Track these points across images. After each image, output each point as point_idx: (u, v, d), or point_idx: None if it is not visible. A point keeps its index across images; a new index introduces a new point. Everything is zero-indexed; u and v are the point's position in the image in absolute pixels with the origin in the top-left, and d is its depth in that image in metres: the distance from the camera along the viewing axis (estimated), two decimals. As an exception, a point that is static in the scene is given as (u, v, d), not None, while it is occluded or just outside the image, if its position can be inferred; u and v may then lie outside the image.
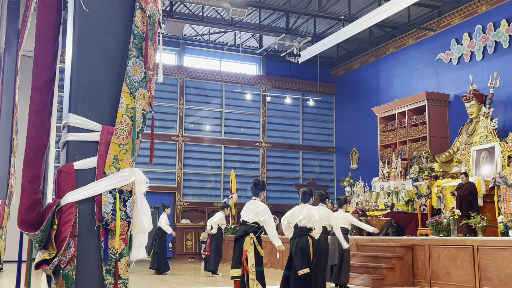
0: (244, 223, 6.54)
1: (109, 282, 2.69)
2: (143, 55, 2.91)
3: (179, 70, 19.51)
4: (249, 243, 6.30)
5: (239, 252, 6.36)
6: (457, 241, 9.17)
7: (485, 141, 12.80)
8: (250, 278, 6.11)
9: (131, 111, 2.83)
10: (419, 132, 15.51)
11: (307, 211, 7.22)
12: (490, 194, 11.09)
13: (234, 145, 20.05)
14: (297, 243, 7.12)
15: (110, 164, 2.76)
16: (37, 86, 2.75)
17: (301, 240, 7.10)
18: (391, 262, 9.73)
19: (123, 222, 2.73)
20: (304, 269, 6.88)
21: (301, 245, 7.05)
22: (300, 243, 7.07)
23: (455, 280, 8.93)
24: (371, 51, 19.25)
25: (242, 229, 6.50)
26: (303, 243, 7.05)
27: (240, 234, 6.49)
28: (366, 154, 19.16)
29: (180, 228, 18.70)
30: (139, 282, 10.20)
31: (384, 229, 12.54)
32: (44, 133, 2.75)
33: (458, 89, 15.09)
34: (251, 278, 6.12)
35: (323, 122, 21.56)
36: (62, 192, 2.70)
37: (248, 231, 6.38)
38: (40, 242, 2.65)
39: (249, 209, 6.55)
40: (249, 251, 6.24)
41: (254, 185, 6.69)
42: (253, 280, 6.12)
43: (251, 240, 6.32)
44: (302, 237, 7.12)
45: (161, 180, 18.73)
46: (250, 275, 6.13)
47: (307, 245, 7.04)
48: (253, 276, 6.13)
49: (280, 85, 20.84)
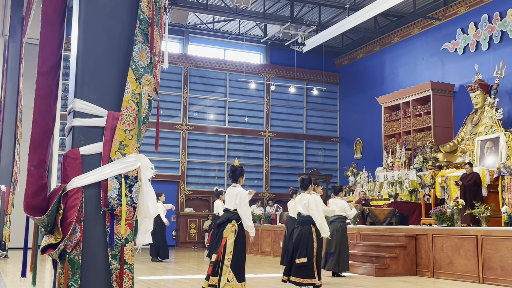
0: (227, 210, 6.56)
1: (115, 267, 2.70)
2: (149, 41, 2.90)
3: (183, 59, 19.47)
4: (229, 230, 6.32)
5: (219, 238, 6.39)
6: (460, 230, 9.17)
7: (490, 131, 12.76)
8: (225, 264, 6.15)
9: (137, 97, 2.83)
10: (424, 122, 15.46)
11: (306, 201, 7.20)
12: (494, 185, 11.07)
13: (237, 134, 20.05)
14: (300, 231, 7.17)
15: (115, 150, 2.76)
16: (43, 71, 2.74)
17: (304, 229, 7.14)
18: (395, 251, 9.74)
19: (128, 207, 2.74)
20: (301, 258, 6.96)
21: (303, 234, 7.10)
22: (303, 232, 7.11)
23: (458, 269, 8.94)
24: (376, 40, 19.15)
25: (225, 216, 6.51)
26: (305, 233, 7.09)
27: (222, 220, 6.50)
28: (370, 144, 19.14)
29: (184, 217, 18.76)
30: (142, 269, 10.26)
31: (388, 218, 12.56)
32: (50, 118, 2.75)
33: (463, 79, 15.02)
34: (225, 265, 6.15)
35: (327, 111, 21.52)
36: (68, 177, 2.70)
37: (230, 219, 6.41)
38: (46, 226, 2.66)
39: (230, 197, 6.56)
40: (229, 238, 6.27)
41: (231, 172, 6.70)
42: (227, 266, 6.14)
43: (233, 228, 6.33)
44: (305, 227, 7.15)
45: (165, 168, 18.76)
46: (225, 261, 6.16)
47: (309, 235, 7.07)
48: (228, 263, 6.16)
49: (284, 74, 20.78)
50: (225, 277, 6.10)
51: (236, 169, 6.69)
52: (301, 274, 6.97)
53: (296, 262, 7.00)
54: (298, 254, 7.02)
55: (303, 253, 6.97)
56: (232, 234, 6.29)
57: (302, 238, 7.08)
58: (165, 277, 9.29)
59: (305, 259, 6.92)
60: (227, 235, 6.30)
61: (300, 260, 6.96)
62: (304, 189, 7.33)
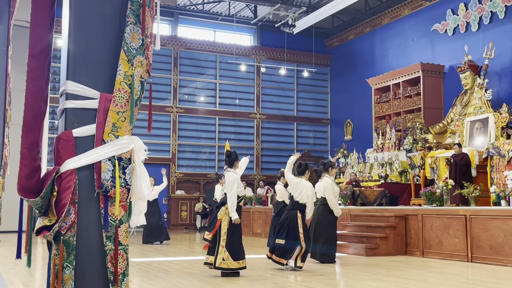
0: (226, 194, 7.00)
1: (109, 248, 2.72)
2: (140, 22, 2.89)
3: (173, 41, 19.35)
4: (223, 213, 6.79)
5: (214, 219, 6.95)
6: (449, 210, 9.28)
7: (479, 112, 12.85)
8: (220, 245, 6.70)
9: (129, 79, 2.82)
10: (414, 103, 15.53)
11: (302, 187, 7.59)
12: (483, 165, 11.19)
13: (228, 117, 20.04)
14: (286, 215, 7.68)
15: (108, 132, 2.76)
16: (34, 52, 2.72)
17: (290, 213, 7.60)
18: (385, 231, 9.85)
19: (122, 189, 2.75)
20: (280, 239, 7.48)
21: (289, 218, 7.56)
22: (289, 216, 7.59)
23: (448, 249, 9.07)
24: (367, 21, 19.12)
25: (222, 199, 7.00)
26: (291, 217, 7.54)
27: (218, 203, 7.04)
28: (360, 126, 19.21)
29: (175, 199, 18.81)
30: (134, 252, 10.30)
31: (378, 199, 12.67)
32: (42, 100, 2.74)
33: (453, 60, 15.07)
34: (221, 245, 6.69)
35: (318, 93, 21.54)
36: (61, 159, 2.70)
37: (224, 202, 6.86)
38: (40, 208, 2.66)
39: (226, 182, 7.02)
40: (223, 220, 6.76)
41: (227, 157, 7.10)
42: (222, 247, 6.69)
43: (226, 210, 6.78)
44: (292, 211, 7.60)
45: (156, 151, 18.74)
46: (221, 242, 6.70)
47: (294, 218, 7.50)
48: (223, 243, 6.70)
49: (275, 56, 20.73)
50: (221, 256, 6.65)
51: (231, 154, 7.08)
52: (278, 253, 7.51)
53: (276, 241, 7.57)
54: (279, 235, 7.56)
55: (283, 235, 7.49)
56: (226, 216, 6.76)
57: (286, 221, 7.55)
58: (157, 259, 9.35)
59: (283, 241, 7.44)
60: (221, 217, 6.77)
61: (279, 241, 7.51)
62: (301, 175, 7.60)
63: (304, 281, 6.54)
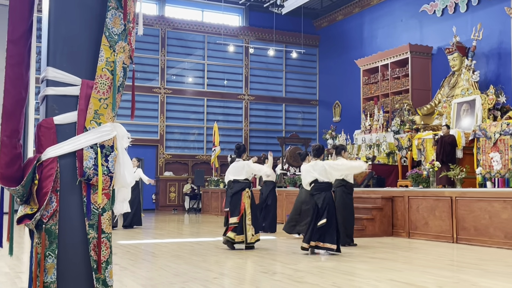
0: (237, 181, 7.92)
1: (92, 236, 2.71)
2: (122, 7, 2.84)
3: (160, 21, 19.14)
4: (246, 196, 7.86)
5: (236, 204, 7.85)
6: (436, 192, 9.35)
7: (467, 94, 12.89)
8: (247, 224, 7.82)
9: (111, 65, 2.78)
10: (402, 84, 15.54)
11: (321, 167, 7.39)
12: (469, 147, 11.25)
13: (217, 98, 19.96)
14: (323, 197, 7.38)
15: (90, 119, 2.73)
16: (14, 38, 2.67)
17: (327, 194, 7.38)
18: (371, 213, 9.92)
19: (105, 177, 2.73)
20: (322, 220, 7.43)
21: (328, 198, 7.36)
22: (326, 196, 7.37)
23: (433, 230, 9.16)
24: (355, 2, 19.02)
25: (238, 186, 7.89)
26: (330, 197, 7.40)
27: (237, 189, 7.89)
28: (348, 107, 19.22)
29: (163, 180, 18.79)
30: (122, 234, 10.30)
31: (365, 181, 12.72)
32: (23, 87, 2.69)
33: (441, 42, 15.05)
34: (247, 224, 7.83)
35: (306, 74, 21.48)
36: (43, 147, 2.67)
37: (244, 187, 7.88)
38: (22, 197, 2.64)
39: (238, 170, 8.00)
40: (246, 202, 7.84)
41: (236, 149, 8.16)
42: (249, 225, 7.84)
43: (247, 194, 7.89)
44: (326, 192, 7.39)
45: (144, 132, 18.67)
46: (247, 221, 7.82)
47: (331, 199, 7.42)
48: (249, 222, 7.84)
49: (263, 37, 20.60)
50: (250, 232, 7.82)
51: (240, 147, 8.19)
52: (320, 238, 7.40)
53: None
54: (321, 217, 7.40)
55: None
56: (248, 199, 7.88)
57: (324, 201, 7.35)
58: (145, 241, 9.36)
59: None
60: (244, 200, 7.83)
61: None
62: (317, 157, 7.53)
63: (289, 263, 6.57)
